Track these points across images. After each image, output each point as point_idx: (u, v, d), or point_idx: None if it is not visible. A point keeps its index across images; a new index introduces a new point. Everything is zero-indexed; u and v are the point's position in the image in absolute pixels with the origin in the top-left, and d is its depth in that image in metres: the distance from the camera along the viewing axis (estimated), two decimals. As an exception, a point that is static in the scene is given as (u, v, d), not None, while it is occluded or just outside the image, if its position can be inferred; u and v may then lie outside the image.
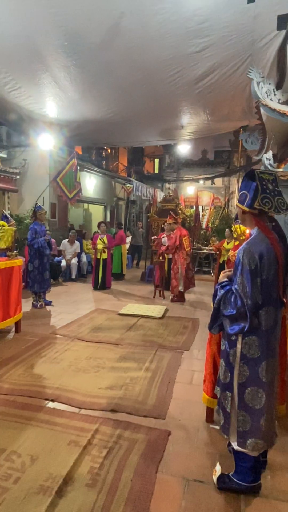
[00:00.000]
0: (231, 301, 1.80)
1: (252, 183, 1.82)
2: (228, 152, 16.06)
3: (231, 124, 9.17)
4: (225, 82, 6.68)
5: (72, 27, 5.82)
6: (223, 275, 2.00)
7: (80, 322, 5.40)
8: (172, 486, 2.10)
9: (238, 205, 1.89)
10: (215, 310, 1.92)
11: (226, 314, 1.83)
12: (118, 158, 16.95)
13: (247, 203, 1.83)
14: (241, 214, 1.90)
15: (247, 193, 1.83)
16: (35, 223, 6.05)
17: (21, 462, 2.25)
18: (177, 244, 7.00)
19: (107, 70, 6.76)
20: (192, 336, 4.90)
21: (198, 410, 2.92)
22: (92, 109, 8.28)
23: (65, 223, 10.55)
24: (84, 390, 3.22)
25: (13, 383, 3.30)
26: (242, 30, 5.59)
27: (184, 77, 6.65)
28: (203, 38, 5.74)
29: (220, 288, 1.90)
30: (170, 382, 3.46)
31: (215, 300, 1.91)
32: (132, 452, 2.37)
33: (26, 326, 4.99)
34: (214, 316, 1.94)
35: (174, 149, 16.12)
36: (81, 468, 2.21)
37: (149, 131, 10.05)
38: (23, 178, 9.43)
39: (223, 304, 1.86)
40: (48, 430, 2.60)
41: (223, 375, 1.97)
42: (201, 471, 2.24)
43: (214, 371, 2.66)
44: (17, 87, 7.58)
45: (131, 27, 5.70)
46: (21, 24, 5.80)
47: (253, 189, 1.81)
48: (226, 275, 1.99)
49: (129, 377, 3.52)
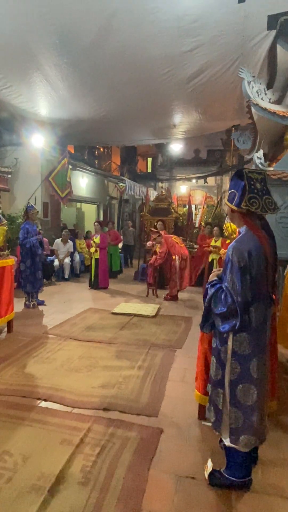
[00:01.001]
0: (222, 299, 1.81)
1: (240, 182, 1.84)
2: (221, 151, 16.13)
3: (223, 123, 9.20)
4: (217, 81, 6.69)
5: (63, 26, 5.79)
6: (213, 274, 2.02)
7: (73, 321, 5.39)
8: (164, 483, 2.12)
9: (227, 203, 1.90)
10: (206, 309, 1.94)
11: (217, 312, 1.85)
12: (111, 157, 16.92)
13: (235, 202, 1.85)
14: (230, 212, 1.92)
15: (235, 192, 1.85)
16: (27, 223, 6.02)
17: (13, 461, 2.24)
18: (169, 249, 7.00)
19: (99, 69, 6.74)
20: (185, 335, 4.93)
21: (191, 408, 2.94)
22: (84, 108, 8.24)
23: (57, 223, 10.51)
24: (77, 389, 3.22)
25: (5, 383, 3.29)
26: (233, 29, 5.61)
27: (175, 76, 6.65)
28: (194, 38, 5.75)
29: (211, 287, 1.92)
30: (162, 380, 3.47)
31: (206, 299, 1.93)
32: (125, 450, 2.38)
33: (19, 326, 4.96)
34: (205, 314, 1.96)
35: (167, 148, 16.15)
36: (73, 466, 2.21)
37: (142, 130, 10.05)
38: (14, 177, 9.36)
39: (214, 302, 1.87)
40: (40, 429, 2.60)
41: (214, 372, 1.99)
42: (193, 467, 2.25)
43: (205, 368, 2.68)
44: (8, 86, 7.51)
45: (123, 26, 5.69)
46: (12, 22, 5.75)
47: (241, 188, 1.83)
48: (215, 274, 2.01)
49: (122, 376, 3.52)
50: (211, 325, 1.97)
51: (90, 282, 8.08)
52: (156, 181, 17.06)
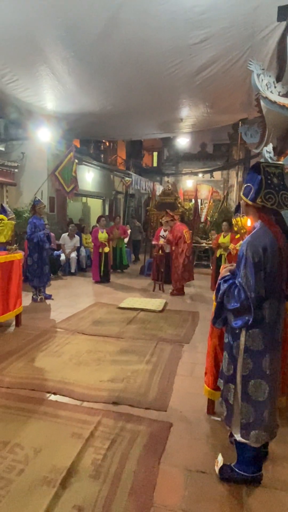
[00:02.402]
0: (235, 295, 1.80)
1: (257, 176, 1.81)
2: (227, 145, 16.01)
3: (230, 116, 9.11)
4: (225, 74, 6.62)
5: (70, 18, 5.74)
6: (225, 269, 2.00)
7: (80, 315, 5.41)
8: (175, 477, 2.12)
9: (242, 197, 1.88)
10: (219, 304, 1.93)
11: (229, 307, 1.84)
12: (116, 152, 16.86)
13: (251, 196, 1.82)
14: (245, 206, 1.90)
15: (251, 186, 1.82)
16: (34, 217, 6.03)
17: (24, 454, 2.26)
18: (179, 238, 6.99)
19: (106, 62, 6.69)
20: (192, 329, 4.92)
21: (199, 402, 2.94)
22: (90, 102, 8.21)
23: (63, 217, 10.52)
24: (86, 383, 3.24)
25: (15, 377, 3.31)
26: (242, 21, 5.53)
27: (183, 69, 6.59)
28: (202, 30, 5.68)
29: (223, 282, 1.90)
30: (171, 374, 3.48)
31: (218, 294, 1.92)
32: (135, 444, 2.39)
33: (27, 320, 4.99)
34: (218, 310, 1.95)
35: (173, 142, 16.05)
36: (84, 459, 2.23)
37: (148, 123, 9.99)
38: (21, 171, 9.38)
39: (227, 298, 1.86)
40: (51, 422, 2.61)
41: (226, 367, 1.98)
42: (203, 462, 2.26)
43: (215, 363, 2.67)
44: (14, 79, 7.50)
45: (130, 18, 5.62)
46: (18, 15, 5.71)
47: (257, 183, 1.80)
48: (228, 269, 1.99)
49: (130, 370, 3.53)
50: (223, 320, 1.96)
51: (100, 276, 8.08)
52: (162, 175, 16.99)
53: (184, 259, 7.03)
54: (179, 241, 7.05)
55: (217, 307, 1.95)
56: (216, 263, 7.53)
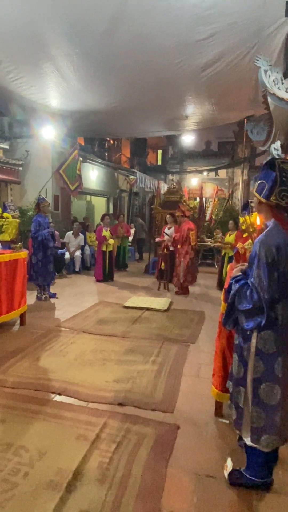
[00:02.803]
0: (247, 295, 1.74)
1: (271, 173, 1.75)
2: (232, 143, 15.89)
3: (236, 114, 9.02)
4: (231, 70, 6.55)
5: (75, 15, 5.68)
6: (236, 269, 1.94)
7: (85, 314, 5.37)
8: (183, 481, 2.08)
9: (256, 194, 1.82)
10: (230, 305, 1.87)
11: (241, 308, 1.78)
12: (120, 150, 16.78)
13: (264, 194, 1.76)
14: (258, 204, 1.84)
15: (265, 183, 1.76)
16: (39, 215, 5.99)
17: (29, 456, 2.22)
18: (185, 238, 6.93)
19: (111, 59, 6.63)
20: (198, 329, 4.87)
21: (207, 404, 2.89)
22: (95, 99, 8.16)
23: (68, 215, 10.48)
24: (91, 383, 3.20)
25: (19, 376, 3.28)
26: (249, 16, 5.44)
27: (189, 66, 6.51)
28: (209, 25, 5.60)
29: (235, 282, 1.84)
30: (177, 375, 3.43)
31: (230, 294, 1.86)
32: (141, 447, 2.34)
33: (31, 319, 4.96)
34: (229, 311, 1.89)
35: (177, 140, 15.94)
36: (90, 462, 2.18)
37: (153, 121, 9.92)
38: (25, 169, 9.35)
39: (238, 298, 1.80)
40: (55, 424, 2.57)
41: (236, 369, 1.92)
42: (212, 466, 2.21)
43: (223, 365, 2.62)
44: (19, 77, 7.46)
45: (135, 14, 5.56)
46: (23, 12, 5.66)
47: (271, 180, 1.74)
48: (239, 269, 1.93)
49: (136, 370, 3.49)
50: (234, 321, 1.91)
51: (104, 275, 8.05)
52: (167, 173, 16.90)
53: (188, 261, 6.94)
54: (184, 241, 6.98)
55: (228, 308, 1.89)
56: (221, 262, 7.48)
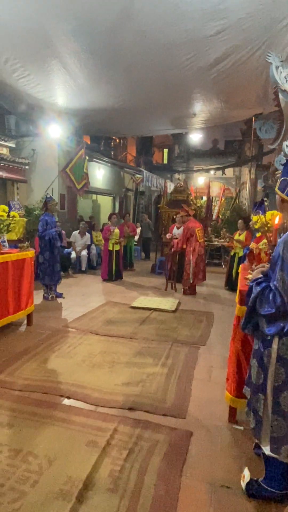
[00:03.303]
0: (269, 299, 1.65)
1: (294, 170, 1.66)
2: (239, 142, 15.74)
3: (245, 111, 8.88)
4: (241, 67, 6.41)
5: (82, 11, 5.58)
6: (257, 270, 1.85)
7: (92, 315, 5.30)
8: (198, 492, 1.99)
9: (278, 192, 1.72)
10: (250, 309, 1.77)
11: (263, 313, 1.68)
12: (126, 148, 16.70)
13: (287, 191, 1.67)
14: (280, 202, 1.74)
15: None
16: (46, 214, 5.92)
17: (38, 464, 2.15)
18: (188, 237, 6.84)
19: (118, 56, 6.53)
20: (207, 331, 4.77)
21: (220, 409, 2.81)
22: (102, 97, 8.06)
23: (74, 215, 10.42)
24: (100, 386, 3.12)
25: (27, 378, 3.21)
26: (260, 11, 5.30)
27: (198, 62, 6.39)
28: (219, 21, 5.47)
29: (256, 285, 1.75)
30: (188, 378, 3.34)
31: (250, 298, 1.76)
32: (154, 454, 2.26)
33: (38, 319, 4.90)
34: (249, 315, 1.80)
35: (184, 139, 15.83)
36: (101, 471, 2.10)
37: (160, 119, 9.80)
38: (32, 168, 9.29)
39: (259, 302, 1.71)
40: (65, 429, 2.50)
41: (255, 376, 1.83)
42: (227, 475, 2.12)
43: (238, 369, 2.53)
44: (25, 75, 7.39)
45: (143, 10, 5.44)
46: (29, 9, 5.58)
47: (295, 177, 1.65)
48: (260, 270, 1.84)
49: (146, 373, 3.40)
50: (254, 326, 1.81)
51: (110, 275, 7.98)
52: (173, 172, 16.79)
53: (197, 258, 6.85)
54: (190, 239, 6.88)
55: (247, 311, 1.80)
56: (230, 262, 7.37)
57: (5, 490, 1.93)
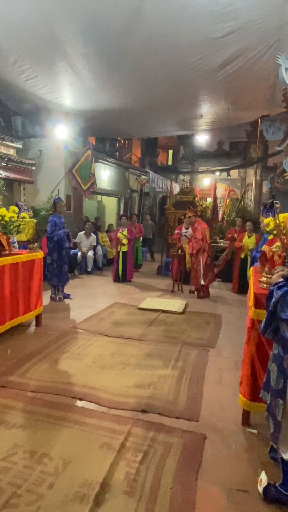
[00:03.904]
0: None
1: None
2: (244, 143, 15.70)
3: (252, 113, 8.87)
4: (249, 69, 6.40)
5: (92, 12, 5.60)
6: (277, 274, 1.84)
7: (100, 316, 5.30)
8: (215, 495, 1.98)
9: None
10: (270, 313, 1.77)
11: (284, 317, 1.67)
12: (131, 149, 16.71)
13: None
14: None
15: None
16: (55, 215, 5.93)
17: (54, 465, 2.15)
18: (202, 237, 6.82)
19: (127, 57, 6.54)
20: (216, 333, 4.76)
21: (232, 412, 2.80)
22: (109, 98, 8.08)
23: (80, 215, 10.44)
24: (112, 388, 3.12)
25: (39, 380, 3.22)
26: (270, 13, 5.29)
27: (206, 64, 6.39)
28: (228, 22, 5.46)
29: (277, 289, 1.74)
30: (199, 381, 3.33)
31: (271, 302, 1.76)
32: (169, 457, 2.26)
33: (46, 320, 4.91)
34: (269, 318, 1.79)
35: (189, 140, 15.81)
36: (117, 473, 2.10)
37: (167, 120, 9.80)
38: (38, 169, 9.31)
39: (281, 306, 1.70)
40: (78, 431, 2.50)
41: (275, 380, 1.83)
42: (243, 479, 2.11)
43: (252, 373, 2.52)
44: (33, 76, 7.42)
45: (153, 11, 5.45)
46: (38, 10, 5.61)
47: None
48: (280, 274, 1.83)
49: (156, 375, 3.40)
50: (274, 330, 1.80)
51: (117, 276, 7.99)
52: (178, 173, 16.76)
53: (207, 258, 6.82)
54: (201, 240, 6.85)
55: (268, 316, 1.79)
56: (240, 264, 7.32)
57: (22, 492, 1.93)
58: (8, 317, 3.98)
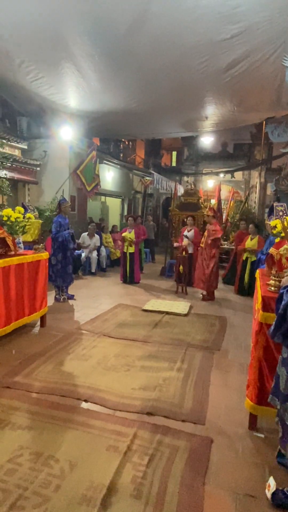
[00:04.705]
0: (302, 307, 1.63)
1: None
2: (249, 145, 15.67)
3: (257, 115, 8.85)
4: (255, 70, 6.38)
5: (98, 14, 5.60)
6: (287, 277, 1.82)
7: (104, 317, 5.29)
8: (223, 500, 1.96)
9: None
10: (280, 317, 1.75)
11: (296, 321, 1.66)
12: (135, 151, 16.71)
13: None
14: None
15: None
16: (59, 216, 5.93)
17: (60, 468, 2.14)
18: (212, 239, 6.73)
19: (133, 59, 6.54)
20: (221, 335, 4.74)
21: (239, 416, 2.78)
22: (114, 99, 8.08)
23: (84, 216, 10.44)
24: (117, 390, 3.11)
25: (44, 381, 3.21)
26: (276, 15, 5.27)
27: (212, 66, 6.38)
28: (235, 24, 5.45)
29: (287, 292, 1.73)
30: (205, 384, 3.31)
31: (281, 305, 1.74)
32: (175, 461, 2.24)
33: (51, 321, 4.90)
34: (279, 322, 1.77)
35: (193, 142, 15.80)
36: (123, 476, 2.09)
37: (172, 122, 9.79)
38: (43, 170, 9.33)
39: (292, 310, 1.69)
40: (84, 433, 2.49)
41: (284, 385, 1.81)
42: (251, 484, 2.09)
43: (259, 376, 2.50)
44: (39, 77, 7.44)
45: (160, 13, 5.44)
46: (45, 11, 5.61)
47: None
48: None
49: (162, 378, 3.39)
50: (284, 334, 1.79)
51: (125, 277, 7.98)
52: (181, 175, 16.75)
53: (214, 264, 6.75)
54: (213, 242, 6.76)
55: (278, 319, 1.77)
56: (241, 266, 7.31)
57: (29, 494, 1.92)
58: (14, 318, 3.98)
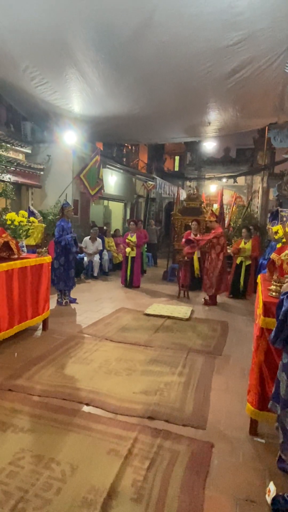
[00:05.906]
0: (302, 313, 1.64)
1: None
2: (251, 150, 15.73)
3: (260, 120, 8.89)
4: (258, 77, 6.43)
5: (103, 21, 5.68)
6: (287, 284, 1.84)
7: (106, 321, 5.31)
8: (223, 505, 1.97)
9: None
10: (281, 322, 1.76)
11: (295, 327, 1.68)
12: (138, 155, 16.80)
13: None
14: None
15: None
16: (62, 220, 5.97)
17: (61, 471, 2.15)
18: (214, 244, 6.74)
19: (136, 65, 6.61)
20: (222, 340, 4.74)
21: (240, 421, 2.78)
22: (118, 105, 8.14)
23: (87, 220, 10.49)
24: (118, 394, 3.11)
25: (46, 384, 3.22)
26: (280, 21, 5.33)
27: (215, 72, 6.43)
28: (239, 31, 5.50)
29: (287, 298, 1.74)
30: (206, 389, 3.31)
31: (281, 311, 1.75)
32: (176, 465, 2.25)
33: (53, 324, 4.92)
34: (279, 328, 1.78)
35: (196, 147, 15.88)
36: (124, 480, 2.10)
37: (175, 127, 9.85)
38: (46, 174, 9.40)
39: (292, 316, 1.70)
40: (85, 436, 2.50)
41: (284, 390, 1.82)
42: (251, 489, 2.09)
43: (260, 382, 2.51)
44: (43, 82, 7.52)
45: (164, 19, 5.51)
46: (50, 18, 5.69)
47: None
48: (292, 282, 1.83)
49: (163, 382, 3.39)
50: (284, 339, 1.80)
51: (125, 281, 8.01)
52: (184, 180, 16.83)
53: (221, 266, 6.74)
54: (216, 247, 6.76)
55: (278, 325, 1.79)
56: (235, 270, 7.36)
57: (30, 497, 1.93)
58: (17, 321, 4.00)
